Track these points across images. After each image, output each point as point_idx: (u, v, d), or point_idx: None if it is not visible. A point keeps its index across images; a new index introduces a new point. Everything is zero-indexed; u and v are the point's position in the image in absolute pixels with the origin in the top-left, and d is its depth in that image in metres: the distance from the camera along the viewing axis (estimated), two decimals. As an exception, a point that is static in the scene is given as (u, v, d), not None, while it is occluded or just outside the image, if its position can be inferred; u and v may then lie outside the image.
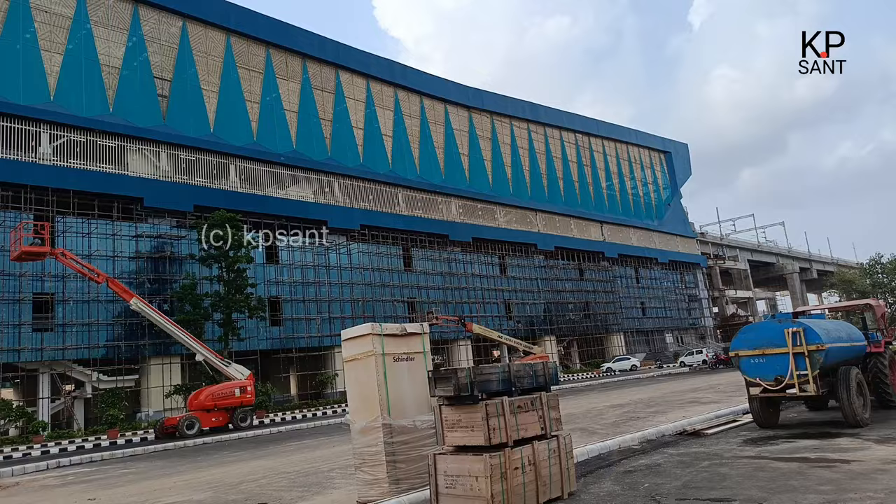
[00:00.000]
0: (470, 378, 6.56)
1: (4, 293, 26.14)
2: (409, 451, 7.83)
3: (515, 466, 6.39)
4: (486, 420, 6.37)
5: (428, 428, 7.99)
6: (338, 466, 11.10)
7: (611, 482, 7.66)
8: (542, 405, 7.01)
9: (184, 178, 33.21)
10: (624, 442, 10.47)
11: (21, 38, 28.94)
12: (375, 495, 7.51)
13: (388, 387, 7.90)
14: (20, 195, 27.36)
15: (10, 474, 16.05)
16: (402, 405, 7.99)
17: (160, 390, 28.96)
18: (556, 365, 8.59)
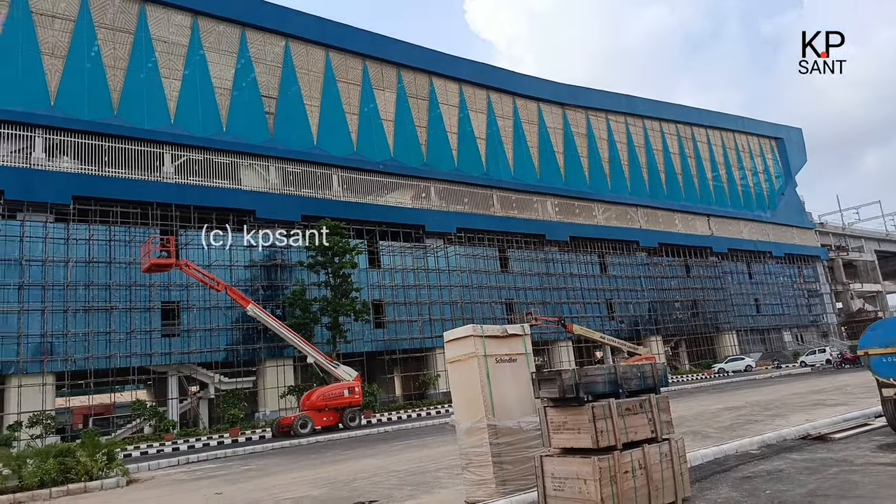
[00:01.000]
0: (575, 379, 6.50)
1: (137, 302, 28.62)
2: (514, 452, 7.85)
3: (625, 470, 6.26)
4: (593, 422, 6.28)
5: (533, 429, 7.98)
6: (444, 466, 11.29)
7: (728, 488, 7.31)
8: (651, 407, 6.81)
9: (291, 189, 34.99)
10: (741, 446, 9.95)
11: (144, 68, 31.63)
12: (483, 496, 7.59)
13: (491, 388, 7.96)
14: (147, 212, 29.89)
15: (147, 469, 17.55)
16: (506, 406, 8.02)
17: (275, 391, 30.65)
18: (665, 366, 8.29)
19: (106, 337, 27.41)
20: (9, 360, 25.19)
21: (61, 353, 26.35)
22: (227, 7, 34.98)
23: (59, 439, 23.73)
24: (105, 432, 25.99)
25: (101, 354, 27.12)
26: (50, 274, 26.83)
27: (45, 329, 26.18)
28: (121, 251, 28.77)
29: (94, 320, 27.34)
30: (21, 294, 26.02)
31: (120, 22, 31.53)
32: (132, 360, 27.82)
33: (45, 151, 28.46)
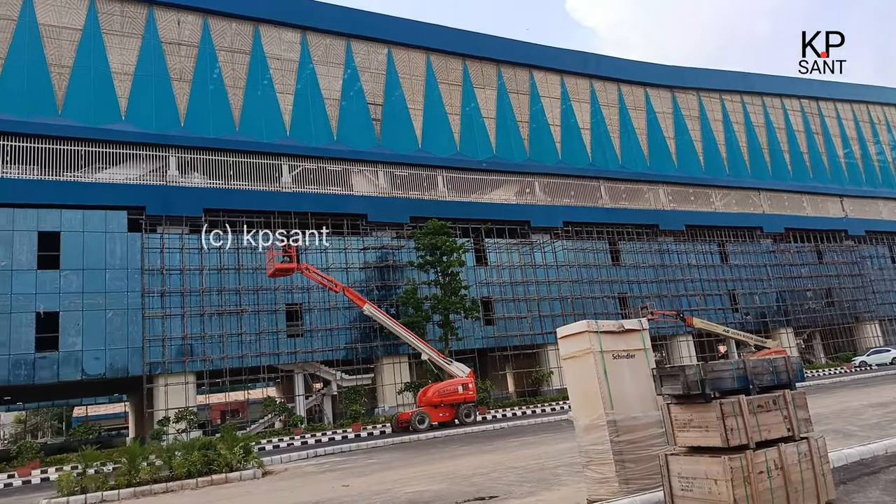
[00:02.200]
0: (700, 375, 6.23)
1: (264, 305, 30.58)
2: (636, 450, 7.64)
3: (760, 470, 5.92)
4: (722, 420, 6.00)
5: (655, 426, 7.73)
6: (563, 463, 11.19)
7: (879, 491, 6.72)
8: (786, 404, 6.40)
9: (399, 192, 35.98)
10: (892, 446, 9.09)
11: (261, 86, 33.72)
12: (605, 494, 7.46)
13: (609, 384, 7.81)
14: (269, 220, 31.83)
15: (280, 461, 18.73)
16: (626, 403, 7.83)
17: (393, 387, 31.65)
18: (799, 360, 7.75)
19: (238, 338, 29.54)
20: (156, 361, 27.79)
21: (200, 354, 28.69)
22: (333, 21, 36.52)
23: (200, 433, 25.85)
24: (241, 427, 28.07)
25: (235, 354, 29.26)
26: (187, 281, 29.28)
27: (185, 332, 28.61)
28: (247, 258, 30.86)
29: (227, 323, 29.54)
30: (163, 300, 28.59)
31: (237, 44, 33.81)
32: (262, 360, 29.77)
33: (179, 169, 31.07)
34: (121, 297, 27.71)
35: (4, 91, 27.97)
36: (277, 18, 34.85)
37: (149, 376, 27.72)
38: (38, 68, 28.82)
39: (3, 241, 26.29)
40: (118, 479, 14.02)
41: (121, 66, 30.68)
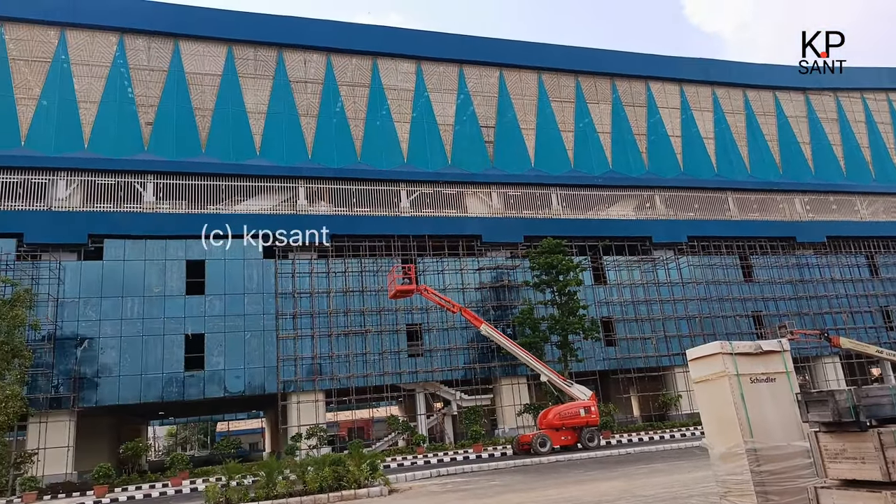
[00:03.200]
0: (852, 401, 5.69)
1: (386, 325, 31.62)
2: (780, 481, 7.10)
3: (930, 510, 5.29)
4: (882, 451, 5.43)
5: (800, 456, 7.15)
6: (697, 493, 10.56)
7: None
8: (960, 436, 5.67)
9: (513, 212, 36.04)
10: None
11: (379, 116, 35.26)
12: (747, 528, 6.96)
13: (747, 410, 7.34)
14: (390, 244, 33.00)
15: (404, 479, 19.13)
16: (766, 430, 7.31)
17: (512, 409, 31.44)
18: (975, 385, 6.87)
19: (363, 358, 30.72)
20: (289, 379, 29.50)
21: (328, 373, 30.11)
22: (447, 48, 37.57)
23: (330, 449, 27.02)
24: (367, 444, 29.01)
25: (360, 374, 30.42)
26: (316, 304, 30.94)
27: (314, 352, 30.19)
28: (370, 280, 32.12)
29: (352, 343, 30.83)
30: (295, 322, 30.38)
31: (357, 78, 35.65)
32: (385, 379, 30.72)
33: (307, 198, 33.07)
34: (257, 319, 29.79)
35: (158, 134, 31.26)
36: (394, 51, 36.42)
37: (283, 394, 29.46)
38: (186, 113, 31.97)
39: (158, 270, 29.20)
40: (257, 492, 14.96)
41: (255, 106, 33.31)
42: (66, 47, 30.99)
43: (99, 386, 27.20)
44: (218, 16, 34.05)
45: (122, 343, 27.78)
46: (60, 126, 29.96)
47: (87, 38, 31.50)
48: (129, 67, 31.70)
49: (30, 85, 30.28)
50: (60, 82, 30.50)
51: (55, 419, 26.29)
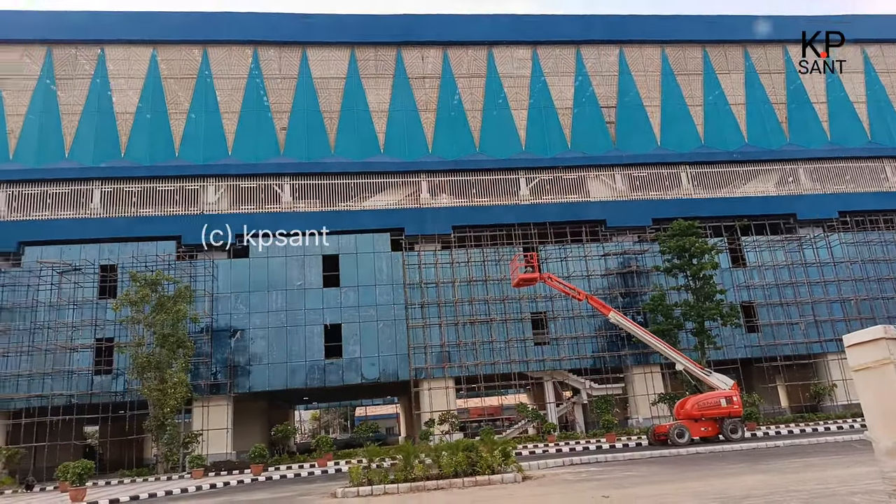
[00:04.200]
0: None
1: (511, 314, 31.74)
2: (964, 481, 6.35)
3: None
4: None
5: None
6: (860, 490, 9.70)
7: None
8: None
9: (638, 194, 34.72)
10: None
11: (496, 105, 35.28)
12: (925, 531, 6.31)
13: (920, 401, 6.61)
14: (511, 232, 33.01)
15: (537, 467, 19.16)
16: (944, 424, 6.55)
17: (645, 398, 30.45)
18: None
19: (489, 346, 31.08)
20: (420, 366, 30.51)
21: (457, 361, 30.79)
22: (563, 30, 36.77)
23: (462, 436, 27.65)
24: (497, 431, 29.38)
25: (487, 361, 30.81)
26: (442, 293, 31.68)
27: (442, 340, 30.97)
28: (493, 270, 32.36)
29: (478, 331, 31.27)
30: (423, 311, 31.31)
31: (473, 69, 35.87)
32: (512, 367, 30.89)
33: (429, 191, 33.87)
34: (388, 309, 31.06)
35: (291, 138, 33.35)
36: (509, 38, 36.24)
37: (415, 381, 30.54)
38: (315, 116, 33.83)
39: (297, 265, 31.25)
40: (397, 475, 15.66)
41: (377, 105, 34.57)
42: (209, 63, 33.83)
43: (251, 373, 29.68)
44: (341, 21, 35.63)
45: (269, 333, 30.09)
46: (207, 136, 32.83)
47: (225, 53, 34.20)
48: (263, 77, 34.04)
49: (179, 100, 33.41)
50: (205, 96, 33.38)
51: (215, 403, 29.05)
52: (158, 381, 25.73)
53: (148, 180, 31.96)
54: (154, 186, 32.01)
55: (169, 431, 26.09)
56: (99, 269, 30.15)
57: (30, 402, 28.25)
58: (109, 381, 28.96)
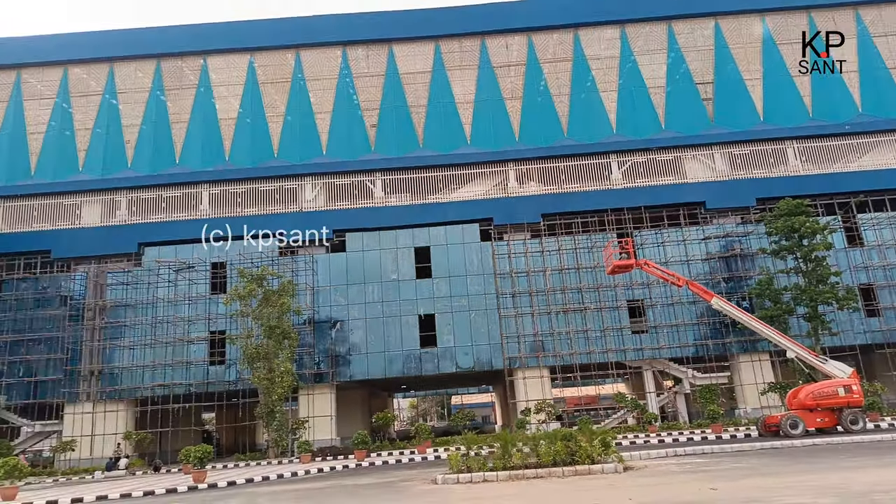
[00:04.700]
0: None
1: (605, 302, 31.08)
2: None
3: None
4: None
5: None
6: None
7: None
8: None
9: (740, 173, 32.95)
10: None
11: (584, 88, 34.49)
12: None
13: None
14: (603, 218, 32.26)
15: (639, 458, 18.72)
16: None
17: (753, 387, 29.00)
18: None
19: (584, 335, 30.61)
20: (514, 356, 30.54)
21: (551, 350, 30.54)
22: (652, 7, 35.34)
23: (558, 425, 27.46)
24: (595, 421, 28.93)
25: (582, 350, 30.37)
26: (533, 282, 31.50)
27: (535, 329, 30.81)
28: (585, 257, 31.78)
29: (572, 320, 30.86)
30: (514, 301, 31.26)
31: (559, 53, 35.22)
32: (608, 356, 30.28)
33: (517, 180, 33.68)
34: (480, 299, 31.26)
35: (381, 134, 34.14)
36: (595, 19, 35.27)
37: (509, 370, 30.61)
38: (403, 111, 34.44)
39: (391, 257, 32.07)
40: (495, 462, 15.79)
41: (462, 96, 34.70)
42: (302, 66, 35.17)
43: (351, 362, 30.82)
44: (425, 15, 35.98)
45: (367, 324, 31.11)
46: (303, 137, 34.21)
47: (316, 55, 35.42)
48: (352, 76, 35.01)
49: (276, 104, 34.98)
50: (299, 98, 34.76)
51: (319, 392, 30.41)
52: (267, 371, 27.21)
53: (250, 181, 33.74)
54: (256, 187, 33.75)
55: (278, 418, 27.58)
56: (210, 266, 32.22)
57: (154, 391, 30.70)
58: (223, 371, 30.97)
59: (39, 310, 32.00)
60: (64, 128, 34.76)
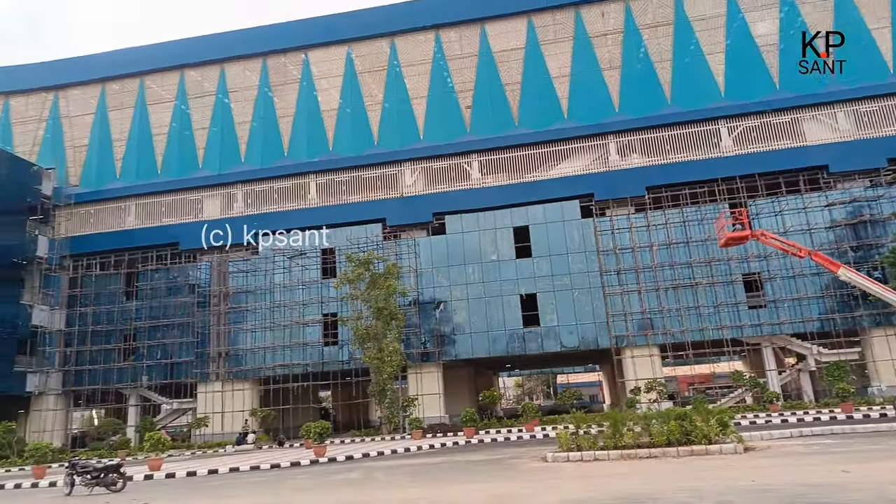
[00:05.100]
0: None
1: (718, 276, 29.62)
2: None
3: None
4: None
5: None
6: None
7: None
8: None
9: (869, 132, 30.20)
10: None
11: (687, 52, 32.73)
12: None
13: None
14: (713, 188, 30.62)
15: (760, 438, 17.84)
16: None
17: (889, 364, 26.74)
18: None
19: (695, 311, 29.38)
20: (621, 334, 29.87)
21: (660, 328, 29.59)
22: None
23: (671, 404, 26.65)
24: (710, 400, 27.80)
25: (694, 327, 29.18)
26: (638, 258, 30.55)
27: (643, 307, 29.93)
28: (695, 230, 30.38)
29: (682, 296, 29.69)
30: (619, 278, 30.49)
31: (658, 17, 33.56)
32: (723, 333, 28.92)
33: (618, 153, 32.62)
34: (583, 277, 30.76)
35: (476, 115, 34.13)
36: (698, -23, 33.26)
37: (616, 349, 29.99)
38: (497, 90, 34.21)
39: (490, 238, 32.18)
40: (606, 441, 15.62)
41: (557, 70, 33.94)
42: (397, 53, 35.74)
43: (455, 342, 31.38)
44: (517, -11, 35.35)
45: (469, 304, 31.50)
46: (400, 123, 34.87)
47: (410, 41, 35.84)
48: (446, 59, 35.16)
49: (373, 92, 35.83)
50: (395, 85, 35.40)
51: (427, 370, 31.24)
52: (377, 351, 28.28)
53: (353, 170, 34.89)
54: (359, 175, 34.86)
55: (389, 396, 28.65)
56: (320, 252, 33.78)
57: (274, 371, 32.77)
58: (336, 351, 32.51)
59: (171, 297, 34.95)
60: (183, 128, 37.45)
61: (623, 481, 11.10)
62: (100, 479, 14.08)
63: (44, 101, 39.57)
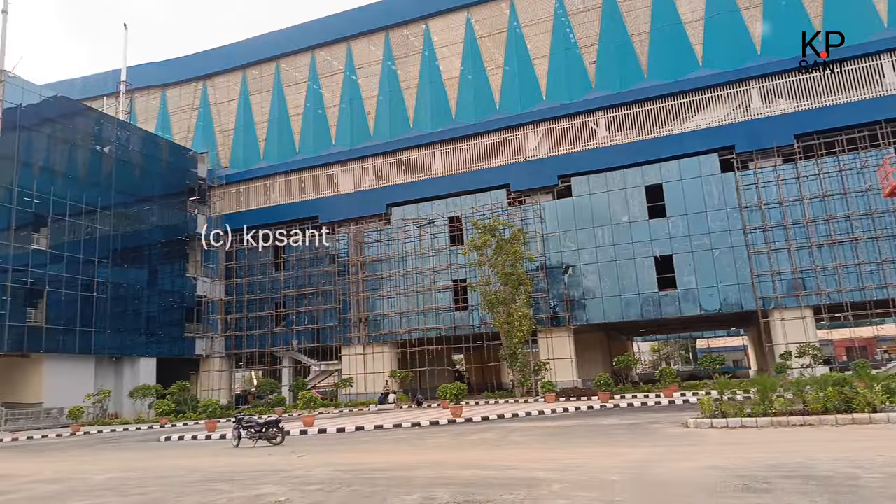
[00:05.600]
0: None
1: (883, 229, 26.65)
2: None
3: None
4: None
5: None
6: None
7: None
8: None
9: None
10: None
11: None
12: None
13: None
14: (875, 132, 27.39)
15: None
16: None
17: None
18: None
19: (855, 269, 26.72)
20: (768, 296, 27.88)
21: (813, 288, 27.27)
22: None
23: (827, 370, 24.62)
24: (874, 366, 25.34)
25: (854, 287, 26.59)
26: (788, 213, 28.17)
27: (793, 266, 27.68)
28: (853, 180, 27.44)
29: (839, 253, 27.10)
30: (766, 235, 28.35)
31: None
32: (889, 292, 26.11)
33: (762, 100, 30.01)
34: (723, 236, 28.93)
35: (601, 71, 32.79)
36: None
37: (762, 311, 28.08)
38: (624, 42, 32.61)
39: (620, 199, 31.07)
40: (754, 408, 14.80)
41: (690, 14, 31.63)
42: (516, 13, 35.03)
43: (586, 306, 30.92)
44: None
45: (599, 268, 30.81)
46: (522, 85, 34.33)
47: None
48: (567, 14, 33.95)
49: (494, 56, 35.48)
50: (516, 47, 34.80)
51: (557, 335, 31.13)
52: (506, 315, 28.57)
53: (476, 136, 35.00)
54: (481, 141, 34.92)
55: (520, 360, 28.94)
56: (447, 220, 34.46)
57: (410, 335, 34.19)
58: (467, 316, 33.26)
59: (314, 267, 37.39)
60: (317, 107, 39.41)
61: (775, 448, 10.52)
62: (262, 433, 15.58)
63: (195, 90, 43.29)
